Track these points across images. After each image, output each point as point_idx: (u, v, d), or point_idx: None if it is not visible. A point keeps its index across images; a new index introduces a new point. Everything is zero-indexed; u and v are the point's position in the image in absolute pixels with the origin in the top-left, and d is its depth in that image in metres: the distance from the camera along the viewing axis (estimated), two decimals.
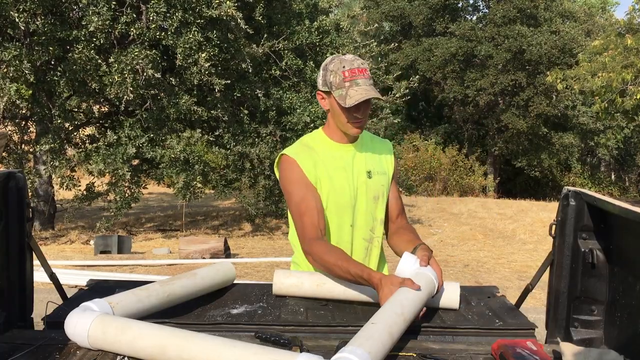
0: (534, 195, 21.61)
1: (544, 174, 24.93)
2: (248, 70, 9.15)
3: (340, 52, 9.89)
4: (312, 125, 9.31)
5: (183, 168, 9.15)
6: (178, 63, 8.53)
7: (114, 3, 8.25)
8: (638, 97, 12.40)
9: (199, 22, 8.48)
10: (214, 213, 13.70)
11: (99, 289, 2.01)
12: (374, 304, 1.78)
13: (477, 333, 1.71)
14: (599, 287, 1.76)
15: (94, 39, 8.26)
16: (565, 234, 1.81)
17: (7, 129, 10.03)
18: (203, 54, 8.36)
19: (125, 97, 8.17)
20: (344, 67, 1.92)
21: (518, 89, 22.16)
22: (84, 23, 8.10)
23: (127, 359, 1.43)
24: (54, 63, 9.04)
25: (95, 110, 10.36)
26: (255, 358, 1.30)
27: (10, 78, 8.05)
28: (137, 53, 8.10)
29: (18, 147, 10.16)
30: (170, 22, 8.34)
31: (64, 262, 7.23)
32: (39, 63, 8.51)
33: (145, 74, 8.18)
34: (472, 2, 25.54)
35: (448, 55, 22.31)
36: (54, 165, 8.97)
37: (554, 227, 1.85)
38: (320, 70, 1.99)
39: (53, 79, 8.70)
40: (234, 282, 2.12)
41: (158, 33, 8.46)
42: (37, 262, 1.94)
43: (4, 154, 9.69)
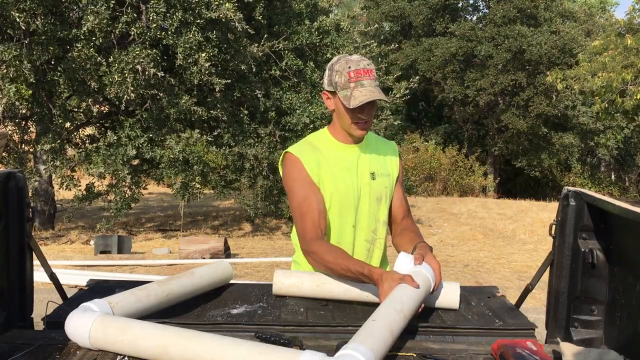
0: (534, 195, 21.60)
1: (544, 174, 24.91)
2: (251, 70, 9.15)
3: (340, 52, 9.88)
4: (311, 126, 9.31)
5: (182, 168, 9.15)
6: (178, 63, 8.54)
7: (114, 3, 8.24)
8: (638, 97, 12.40)
9: (199, 22, 8.49)
10: (214, 213, 13.70)
11: (99, 289, 2.01)
12: (374, 304, 1.78)
13: (477, 333, 1.71)
14: (599, 287, 1.76)
15: (93, 38, 8.26)
16: (565, 234, 1.81)
17: (7, 129, 10.02)
18: (203, 54, 8.37)
19: (126, 96, 8.17)
20: (350, 67, 1.91)
21: (518, 89, 22.14)
22: (83, 22, 8.10)
23: (127, 359, 1.43)
24: (54, 63, 9.04)
25: (95, 110, 10.36)
26: (261, 357, 1.29)
27: (10, 78, 8.05)
28: (138, 52, 8.11)
29: (18, 147, 10.16)
30: (171, 22, 8.35)
31: (64, 262, 7.23)
32: (39, 63, 8.51)
33: (147, 74, 8.18)
34: (472, 2, 25.54)
35: (448, 55, 22.29)
36: (54, 165, 8.97)
37: (554, 227, 1.85)
38: (326, 70, 1.99)
39: (53, 79, 8.70)
40: (233, 281, 2.12)
41: (159, 33, 8.47)
42: (37, 262, 1.94)
43: (4, 154, 9.69)
